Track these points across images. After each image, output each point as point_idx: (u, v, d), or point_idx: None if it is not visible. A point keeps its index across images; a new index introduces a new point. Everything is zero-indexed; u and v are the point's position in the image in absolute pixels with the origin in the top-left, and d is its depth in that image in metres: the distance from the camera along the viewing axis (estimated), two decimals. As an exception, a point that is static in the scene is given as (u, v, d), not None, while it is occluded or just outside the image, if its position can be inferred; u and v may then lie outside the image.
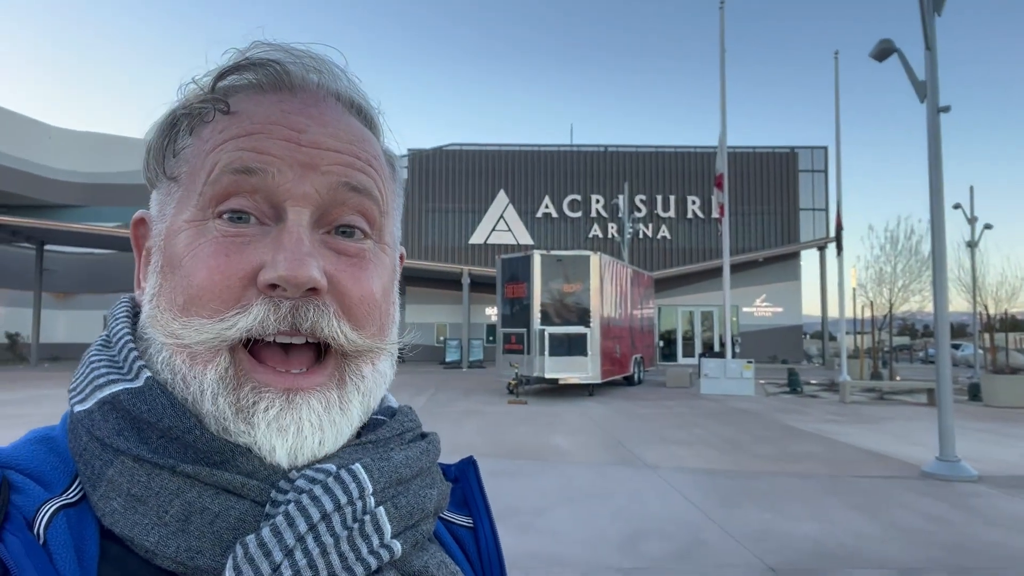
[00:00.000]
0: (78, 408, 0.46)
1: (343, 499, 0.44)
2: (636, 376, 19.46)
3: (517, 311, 16.46)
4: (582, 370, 15.70)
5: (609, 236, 33.34)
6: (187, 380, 0.45)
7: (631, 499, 6.41)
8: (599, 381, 16.13)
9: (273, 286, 0.45)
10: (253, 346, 0.46)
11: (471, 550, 0.59)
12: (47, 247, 25.22)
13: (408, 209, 34.03)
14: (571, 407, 13.97)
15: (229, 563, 0.40)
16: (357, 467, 0.46)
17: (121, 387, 0.45)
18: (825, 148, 34.75)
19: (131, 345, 0.48)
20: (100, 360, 0.48)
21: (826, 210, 33.83)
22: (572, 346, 15.70)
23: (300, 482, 0.44)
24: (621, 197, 29.14)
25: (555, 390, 17.14)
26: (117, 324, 0.51)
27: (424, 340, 33.05)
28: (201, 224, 0.46)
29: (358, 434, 0.55)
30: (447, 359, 28.08)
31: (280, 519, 0.42)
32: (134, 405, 0.44)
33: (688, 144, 35.47)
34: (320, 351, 0.49)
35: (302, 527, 0.41)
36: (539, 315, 15.85)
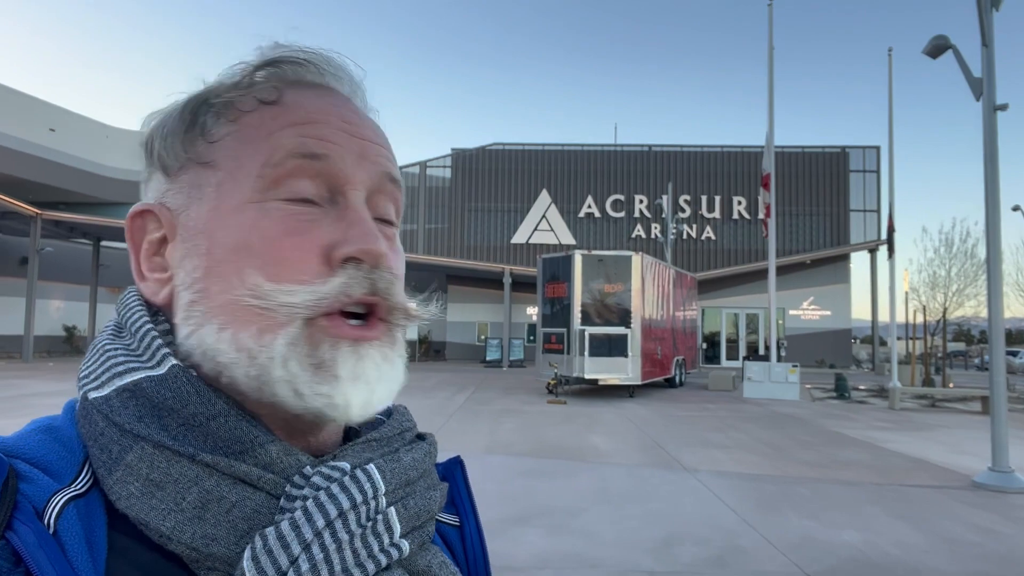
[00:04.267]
0: (94, 395, 0.47)
1: (359, 498, 0.45)
2: (678, 378, 19.24)
3: (557, 311, 16.43)
4: (622, 371, 15.59)
5: (652, 237, 33.02)
6: (253, 352, 0.46)
7: (667, 502, 6.35)
8: (639, 383, 15.99)
9: (348, 260, 0.48)
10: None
11: (457, 548, 0.61)
12: (103, 243, 26.18)
13: (451, 208, 34.28)
14: (610, 408, 13.89)
15: (247, 553, 0.41)
16: (371, 467, 0.48)
17: (143, 375, 0.46)
18: (877, 148, 33.82)
19: (153, 333, 0.49)
20: (115, 348, 0.49)
21: (878, 211, 32.93)
22: (612, 347, 15.60)
23: (316, 479, 0.45)
24: (665, 197, 28.82)
25: (595, 391, 17.06)
26: (132, 313, 0.51)
27: (465, 339, 33.25)
28: (261, 205, 0.48)
29: (355, 432, 0.58)
30: (488, 358, 28.18)
31: (299, 513, 0.43)
32: (158, 392, 0.45)
33: (735, 144, 34.97)
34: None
35: (320, 522, 0.43)
36: (579, 315, 15.79)
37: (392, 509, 0.47)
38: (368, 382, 0.48)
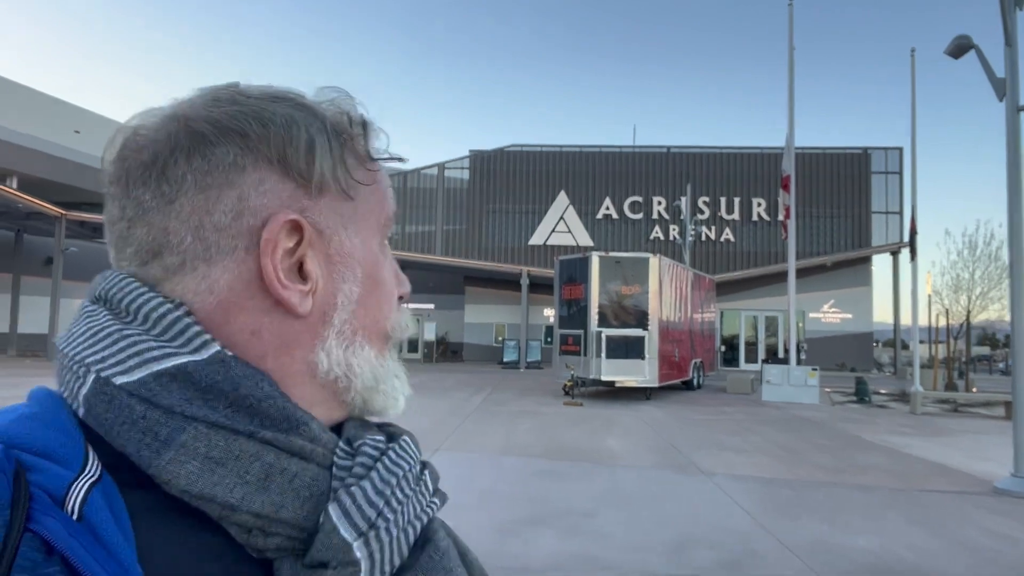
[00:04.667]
0: (122, 379, 0.47)
1: (411, 462, 0.54)
2: (695, 381, 19.13)
3: (574, 312, 16.41)
4: (639, 373, 15.54)
5: (671, 238, 32.87)
6: (378, 368, 0.57)
7: (682, 505, 6.33)
8: (656, 385, 15.93)
9: (401, 297, 0.62)
10: None
11: None
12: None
13: (469, 210, 34.37)
14: (627, 410, 13.85)
15: (335, 510, 0.47)
16: (407, 439, 0.56)
17: (185, 359, 0.47)
18: (900, 149, 33.44)
19: (187, 320, 0.49)
20: (136, 333, 0.49)
21: (900, 213, 32.56)
22: (629, 349, 15.55)
23: (367, 448, 0.52)
24: (683, 199, 28.70)
25: (611, 393, 17.02)
26: (148, 300, 0.51)
27: (483, 340, 33.30)
28: (382, 247, 0.59)
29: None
30: (505, 359, 28.22)
31: (376, 475, 0.50)
32: (207, 375, 0.47)
33: (754, 145, 34.66)
34: None
35: (393, 482, 0.50)
36: (596, 317, 15.77)
37: (426, 472, 0.56)
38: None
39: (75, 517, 0.40)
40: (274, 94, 0.55)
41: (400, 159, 0.62)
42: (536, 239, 33.77)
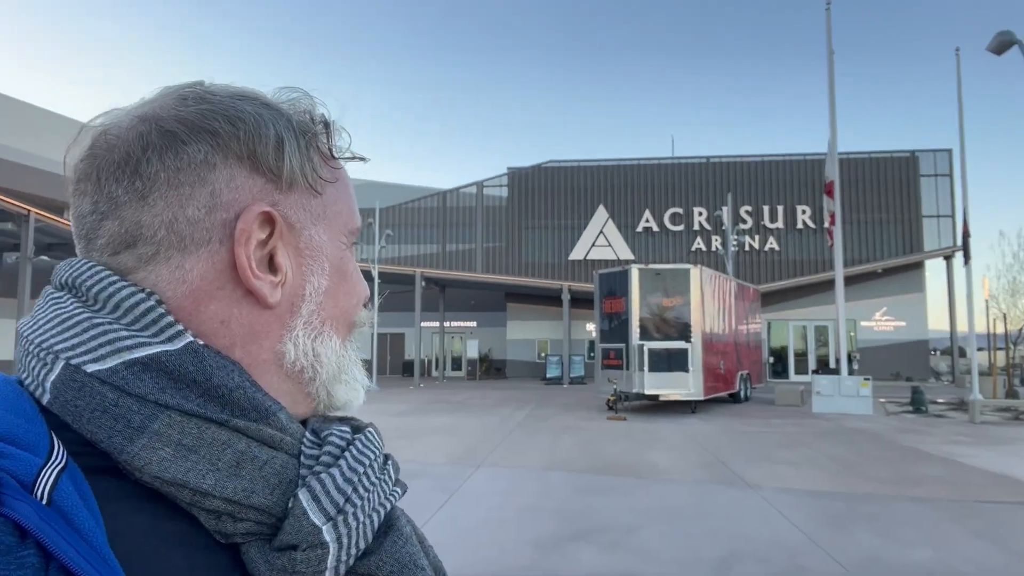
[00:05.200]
0: (94, 367, 0.47)
1: (376, 452, 0.56)
2: (742, 393, 18.74)
3: (616, 326, 16.28)
4: (683, 386, 15.30)
5: (713, 249, 32.42)
6: (344, 357, 0.60)
7: (728, 519, 6.19)
8: (702, 398, 15.66)
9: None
10: None
11: None
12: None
13: (508, 227, 34.50)
14: (671, 424, 13.64)
15: (305, 495, 0.49)
16: (372, 430, 0.59)
17: (158, 349, 0.48)
18: (949, 151, 32.45)
19: (161, 311, 0.50)
20: (107, 322, 0.49)
21: (952, 216, 31.54)
22: (672, 362, 15.35)
23: (333, 438, 0.54)
24: (724, 209, 28.32)
25: (656, 407, 16.79)
26: (120, 289, 0.51)
27: (526, 356, 33.25)
28: (348, 248, 0.62)
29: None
30: (548, 375, 28.12)
31: (344, 463, 0.52)
32: (180, 365, 0.48)
33: (797, 152, 34.03)
34: None
35: (360, 470, 0.52)
36: (638, 330, 15.61)
37: (390, 461, 0.58)
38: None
39: (44, 502, 0.40)
40: (240, 93, 0.56)
41: (362, 159, 0.64)
42: (576, 254, 33.68)
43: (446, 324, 32.56)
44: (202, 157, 0.52)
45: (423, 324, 28.90)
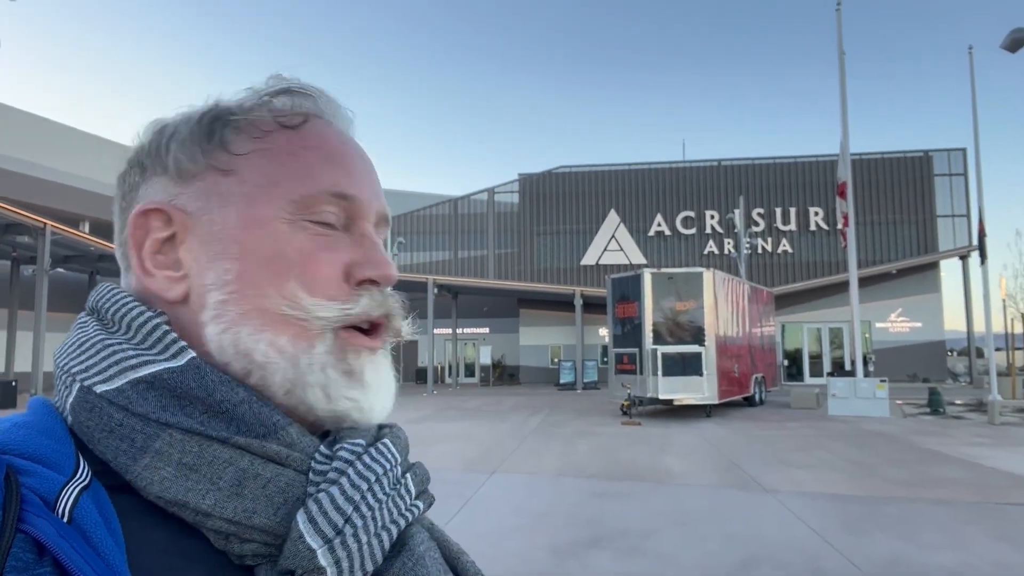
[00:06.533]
0: (103, 388, 0.48)
1: (387, 466, 0.52)
2: (757, 396, 18.61)
3: (628, 331, 16.23)
4: (697, 390, 15.22)
5: (725, 252, 32.29)
6: (293, 356, 0.51)
7: (745, 524, 6.14)
8: (716, 402, 15.57)
9: (365, 282, 0.54)
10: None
11: None
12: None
13: (519, 233, 34.53)
14: (686, 428, 13.56)
15: (302, 516, 0.46)
16: (387, 442, 0.54)
17: (161, 367, 0.48)
18: (964, 150, 32.20)
19: (165, 327, 0.51)
20: (117, 343, 0.51)
21: (967, 216, 31.24)
22: (686, 366, 15.27)
23: (343, 453, 0.51)
24: (737, 212, 28.21)
25: (670, 411, 16.71)
26: (130, 309, 0.52)
27: (539, 362, 33.20)
28: (292, 223, 0.53)
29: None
30: (561, 381, 28.07)
31: (346, 481, 0.48)
32: (181, 382, 0.48)
33: (810, 153, 33.86)
34: None
35: (364, 487, 0.49)
36: (651, 334, 15.55)
37: (408, 475, 0.54)
38: (387, 388, 0.56)
39: (65, 520, 0.41)
40: (189, 114, 0.57)
41: (299, 115, 0.56)
42: (588, 259, 33.65)
43: (459, 331, 32.59)
44: (133, 181, 0.57)
45: (436, 331, 28.92)
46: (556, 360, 31.72)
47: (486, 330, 34.65)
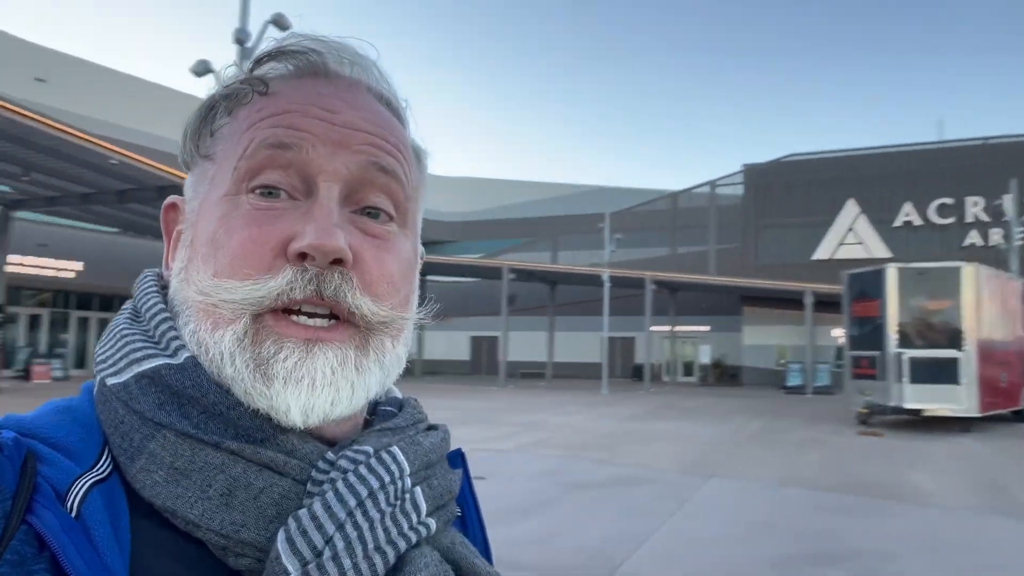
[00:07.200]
0: (112, 381, 0.47)
1: (386, 478, 0.46)
2: (1032, 411, 15.93)
3: (868, 332, 14.78)
4: (953, 400, 13.42)
5: (991, 244, 27.99)
6: (208, 347, 0.46)
7: (1010, 556, 5.30)
8: (977, 414, 13.62)
9: (303, 256, 0.45)
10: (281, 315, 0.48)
11: None
12: (428, 277, 30.04)
13: (742, 227, 32.87)
14: (938, 443, 12.01)
15: (281, 535, 0.42)
16: (395, 449, 0.48)
17: (161, 362, 0.46)
18: None
19: (168, 323, 0.49)
20: (133, 333, 0.49)
21: None
22: (939, 372, 13.54)
23: (342, 462, 0.46)
24: (1006, 197, 24.35)
25: (918, 423, 14.90)
26: (147, 298, 0.52)
27: (762, 363, 31.41)
28: (234, 198, 0.47)
29: (369, 424, 0.56)
30: (788, 383, 26.35)
31: (331, 495, 0.43)
32: (178, 380, 0.45)
33: (1107, 124, 28.21)
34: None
35: (352, 502, 0.43)
36: (896, 336, 14.01)
37: (418, 489, 0.48)
38: (313, 386, 0.45)
39: (73, 514, 0.40)
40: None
41: (268, 80, 0.50)
42: (821, 253, 31.06)
43: (677, 328, 31.85)
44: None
45: (652, 328, 28.53)
46: (782, 361, 29.74)
47: (706, 328, 33.48)
